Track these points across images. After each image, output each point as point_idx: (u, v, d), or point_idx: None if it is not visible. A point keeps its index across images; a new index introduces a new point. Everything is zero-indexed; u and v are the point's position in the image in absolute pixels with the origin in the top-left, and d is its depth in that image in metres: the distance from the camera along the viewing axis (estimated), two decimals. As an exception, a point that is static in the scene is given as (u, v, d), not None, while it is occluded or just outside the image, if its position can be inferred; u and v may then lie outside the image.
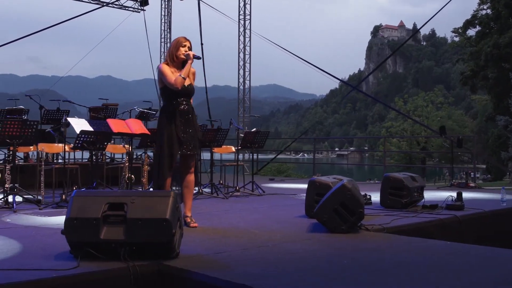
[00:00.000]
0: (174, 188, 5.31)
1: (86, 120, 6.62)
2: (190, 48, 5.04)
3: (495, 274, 3.27)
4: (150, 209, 3.45)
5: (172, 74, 4.91)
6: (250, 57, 17.01)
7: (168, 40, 18.88)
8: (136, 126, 6.77)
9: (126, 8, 17.95)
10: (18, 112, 9.22)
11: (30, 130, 6.41)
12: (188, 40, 5.09)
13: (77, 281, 3.06)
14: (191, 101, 5.17)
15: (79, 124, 6.34)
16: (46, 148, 7.44)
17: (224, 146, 10.07)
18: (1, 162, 8.84)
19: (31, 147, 7.79)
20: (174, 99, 4.99)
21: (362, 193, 7.19)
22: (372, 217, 5.74)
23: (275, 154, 16.79)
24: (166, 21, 18.89)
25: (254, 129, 8.92)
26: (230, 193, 8.30)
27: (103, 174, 8.11)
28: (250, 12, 16.93)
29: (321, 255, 3.76)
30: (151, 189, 5.66)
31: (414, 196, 6.66)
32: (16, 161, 9.50)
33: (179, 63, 5.02)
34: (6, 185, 6.32)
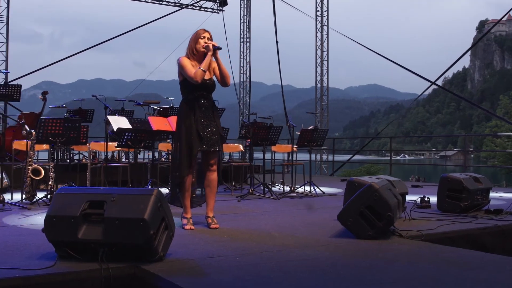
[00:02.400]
0: (198, 189, 5.08)
1: (126, 118, 6.55)
2: (210, 39, 4.78)
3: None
4: (129, 208, 3.22)
5: (192, 67, 4.67)
6: (327, 54, 16.44)
7: (248, 40, 18.78)
8: (178, 124, 6.61)
9: (205, 9, 18.08)
10: (82, 112, 9.45)
11: (80, 129, 6.47)
12: (207, 31, 4.82)
13: (38, 282, 2.88)
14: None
15: (118, 122, 6.28)
16: (96, 146, 7.50)
17: (284, 145, 9.75)
18: (77, 161, 9.10)
19: (87, 145, 7.90)
20: (194, 93, 4.74)
21: (421, 196, 6.59)
22: (419, 222, 5.17)
23: (352, 155, 16.14)
24: (245, 20, 18.80)
25: (311, 127, 8.50)
26: (285, 194, 7.95)
27: (157, 173, 8.07)
28: (328, 8, 16.40)
29: (320, 264, 3.32)
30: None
31: (476, 200, 5.94)
32: (83, 160, 9.77)
33: (200, 56, 4.77)
34: (50, 183, 6.40)
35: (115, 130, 6.19)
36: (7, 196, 6.75)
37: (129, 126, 6.34)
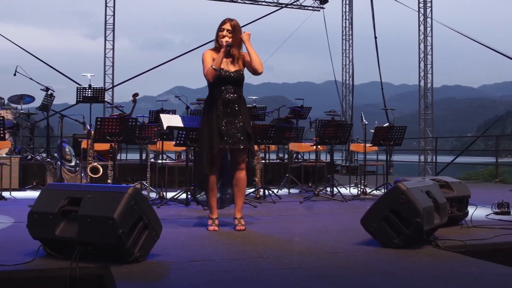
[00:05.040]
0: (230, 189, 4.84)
1: (180, 116, 6.49)
2: (229, 31, 4.49)
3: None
4: (101, 206, 3.07)
5: (210, 63, 4.43)
6: (432, 49, 15.31)
7: (350, 37, 18.15)
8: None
9: (305, 8, 17.75)
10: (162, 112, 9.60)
11: (135, 128, 6.53)
12: (228, 21, 4.53)
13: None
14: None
15: (169, 120, 6.24)
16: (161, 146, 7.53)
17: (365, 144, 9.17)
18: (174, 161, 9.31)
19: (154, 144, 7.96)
20: (218, 87, 4.50)
21: (499, 200, 5.79)
22: (478, 230, 4.52)
23: (456, 155, 14.87)
24: (347, 17, 18.19)
25: (386, 124, 7.89)
26: (357, 196, 7.46)
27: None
28: (431, -2, 15.31)
29: (302, 274, 2.91)
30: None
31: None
32: (164, 160, 9.93)
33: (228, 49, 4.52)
34: (109, 181, 6.52)
35: (165, 128, 6.15)
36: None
37: (181, 125, 6.26)
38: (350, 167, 12.14)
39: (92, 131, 6.44)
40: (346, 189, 8.62)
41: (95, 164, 6.49)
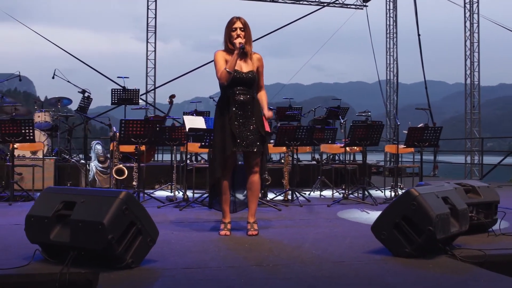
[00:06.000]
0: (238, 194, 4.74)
1: (204, 117, 6.44)
2: (242, 29, 4.37)
3: None
4: (93, 211, 3.02)
5: (223, 65, 4.32)
6: (478, 45, 14.68)
7: (394, 35, 17.68)
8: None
9: (348, 6, 17.42)
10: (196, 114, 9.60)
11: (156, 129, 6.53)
12: (239, 19, 4.40)
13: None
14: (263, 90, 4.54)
15: (192, 122, 6.19)
16: (192, 148, 7.51)
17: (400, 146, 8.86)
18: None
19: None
20: (230, 88, 4.38)
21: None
22: (507, 238, 4.22)
23: (503, 157, 14.16)
24: (391, 15, 17.72)
25: (421, 124, 7.58)
26: (390, 199, 7.20)
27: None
28: (478, -7, 14.69)
29: (294, 285, 2.78)
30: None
31: None
32: (201, 161, 9.95)
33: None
34: (134, 183, 6.54)
35: (187, 130, 6.11)
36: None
37: (204, 126, 6.20)
38: (386, 168, 11.85)
39: (118, 133, 6.47)
40: (382, 192, 8.37)
41: (120, 166, 6.52)
